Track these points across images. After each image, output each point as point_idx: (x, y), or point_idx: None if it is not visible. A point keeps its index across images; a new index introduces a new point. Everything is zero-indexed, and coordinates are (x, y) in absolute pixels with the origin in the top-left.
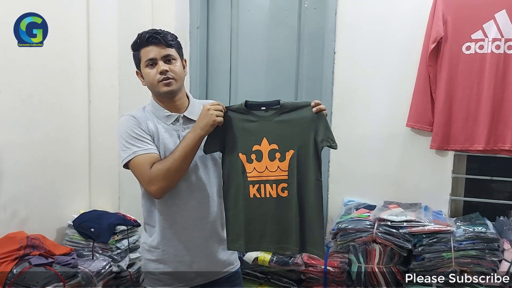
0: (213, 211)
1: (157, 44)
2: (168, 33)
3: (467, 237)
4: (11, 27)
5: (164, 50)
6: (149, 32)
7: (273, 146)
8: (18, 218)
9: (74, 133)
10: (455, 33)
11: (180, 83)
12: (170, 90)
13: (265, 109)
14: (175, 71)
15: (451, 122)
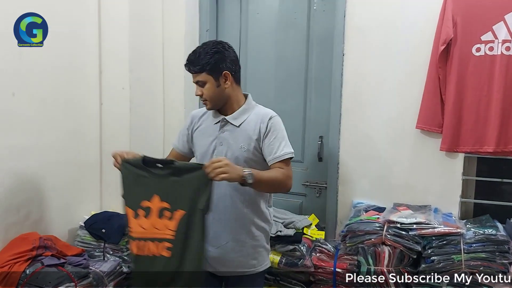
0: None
1: (189, 71)
2: (198, 57)
3: (477, 239)
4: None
5: (195, 76)
6: (187, 58)
7: (164, 204)
8: (31, 219)
9: (86, 136)
10: (464, 35)
11: (214, 101)
12: (208, 108)
13: (161, 167)
14: (206, 94)
15: (461, 124)
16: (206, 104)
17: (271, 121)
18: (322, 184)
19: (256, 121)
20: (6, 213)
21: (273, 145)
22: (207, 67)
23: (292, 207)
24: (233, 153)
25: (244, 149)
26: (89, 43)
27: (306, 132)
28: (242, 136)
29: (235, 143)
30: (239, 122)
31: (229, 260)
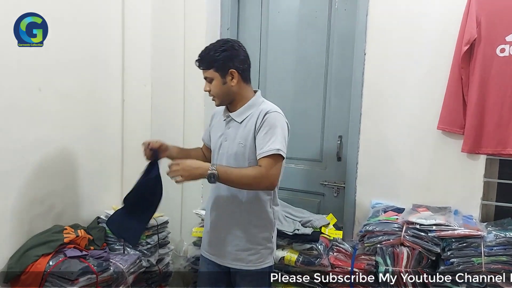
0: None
1: (198, 67)
2: (207, 54)
3: (498, 242)
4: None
5: (204, 72)
6: (198, 55)
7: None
8: (54, 212)
9: (108, 131)
10: (489, 35)
11: (221, 98)
12: (216, 105)
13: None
14: (213, 90)
15: (483, 126)
16: (214, 100)
17: (266, 116)
18: (340, 184)
19: (256, 117)
20: (31, 205)
21: (262, 140)
22: (214, 64)
23: (310, 206)
24: (233, 148)
25: (242, 145)
26: (113, 42)
27: (325, 131)
28: (242, 132)
29: (235, 139)
30: (241, 118)
31: (227, 252)
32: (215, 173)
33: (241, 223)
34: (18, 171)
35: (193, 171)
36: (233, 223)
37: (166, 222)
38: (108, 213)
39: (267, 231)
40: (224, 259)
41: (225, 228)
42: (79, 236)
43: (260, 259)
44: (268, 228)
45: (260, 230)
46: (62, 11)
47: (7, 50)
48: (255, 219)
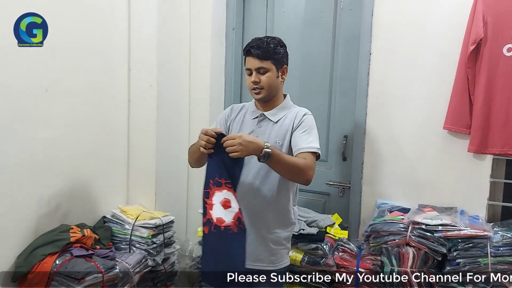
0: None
1: (253, 56)
2: (268, 45)
3: (505, 242)
4: (60, 28)
5: (258, 62)
6: (251, 43)
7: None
8: (61, 211)
9: (114, 131)
10: (495, 35)
11: (269, 91)
12: (258, 98)
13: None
14: (265, 82)
15: (490, 125)
16: (259, 92)
17: (304, 117)
18: (346, 184)
19: (292, 118)
20: (38, 204)
21: (301, 138)
22: (275, 56)
23: (315, 206)
24: None
25: (279, 143)
26: (119, 42)
27: (331, 131)
28: (278, 131)
29: (271, 138)
30: (277, 118)
31: (248, 252)
32: (269, 152)
33: (267, 223)
34: (25, 170)
35: (249, 145)
36: (259, 223)
37: (171, 222)
38: (114, 213)
39: (289, 231)
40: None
41: (250, 228)
42: (85, 236)
43: (280, 259)
44: (290, 228)
45: (283, 229)
46: (68, 12)
47: (7, 50)
48: (280, 218)
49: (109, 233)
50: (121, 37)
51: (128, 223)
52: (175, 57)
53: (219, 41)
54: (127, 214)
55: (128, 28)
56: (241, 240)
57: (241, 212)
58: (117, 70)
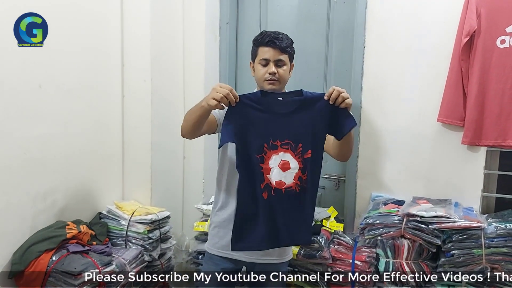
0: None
1: (274, 47)
2: (287, 39)
3: (498, 234)
4: (54, 24)
5: (278, 54)
6: (271, 35)
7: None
8: (57, 207)
9: (109, 127)
10: (489, 27)
11: (282, 84)
12: (273, 89)
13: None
14: (282, 75)
15: (484, 117)
16: (274, 84)
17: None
18: (341, 177)
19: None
20: (34, 201)
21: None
22: (291, 51)
23: None
24: None
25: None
26: (112, 38)
27: None
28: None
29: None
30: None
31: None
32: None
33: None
34: (20, 167)
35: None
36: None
37: (167, 217)
38: (110, 209)
39: None
40: (253, 254)
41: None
42: (82, 232)
43: (288, 251)
44: None
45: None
46: (61, 8)
47: (7, 50)
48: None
49: (105, 229)
50: (115, 33)
51: (124, 218)
52: (169, 52)
53: (213, 35)
54: (123, 210)
55: (122, 23)
56: (305, 199)
57: (302, 171)
58: (111, 66)
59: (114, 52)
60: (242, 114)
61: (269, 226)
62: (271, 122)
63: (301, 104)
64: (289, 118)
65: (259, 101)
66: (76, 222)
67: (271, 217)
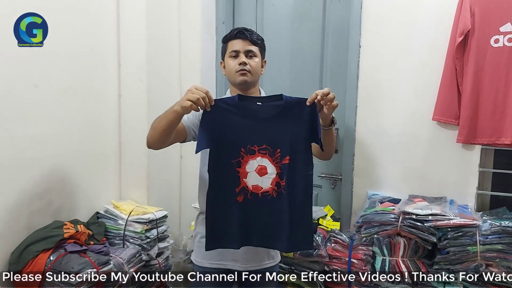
0: None
1: (243, 39)
2: (256, 33)
3: (493, 231)
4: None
5: (248, 45)
6: (240, 28)
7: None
8: (53, 207)
9: (105, 126)
10: (483, 26)
11: (254, 77)
12: (244, 80)
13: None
14: (253, 66)
15: (478, 116)
16: (245, 75)
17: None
18: (337, 176)
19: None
20: (30, 201)
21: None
22: (262, 44)
23: None
24: None
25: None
26: (108, 38)
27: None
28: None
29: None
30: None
31: (255, 253)
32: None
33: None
34: (16, 167)
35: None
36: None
37: (165, 216)
38: (107, 208)
39: None
40: (247, 262)
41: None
42: (79, 231)
43: (278, 253)
44: None
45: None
46: (57, 8)
47: (7, 50)
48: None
49: (102, 228)
50: (111, 32)
51: (121, 218)
52: (165, 52)
53: (209, 35)
54: (120, 209)
55: (118, 23)
56: (282, 204)
57: (279, 177)
58: (107, 66)
59: (111, 52)
60: (219, 118)
61: (243, 228)
62: (249, 127)
63: (280, 109)
64: (267, 123)
65: (236, 105)
66: (73, 222)
67: (246, 219)
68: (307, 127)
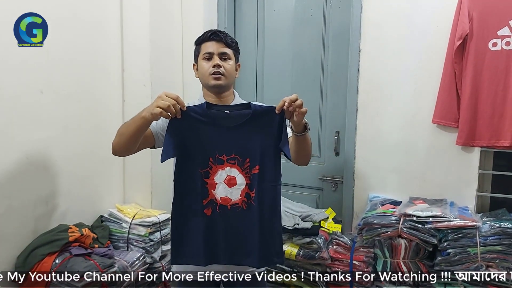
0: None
1: (217, 41)
2: (230, 35)
3: (493, 232)
4: (55, 29)
5: (222, 47)
6: (213, 30)
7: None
8: (58, 211)
9: (109, 131)
10: (481, 30)
11: (228, 80)
12: (218, 84)
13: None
14: (227, 69)
15: (477, 119)
16: (219, 78)
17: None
18: (338, 178)
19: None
20: (36, 205)
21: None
22: (234, 46)
23: (309, 201)
24: None
25: None
26: (112, 43)
27: (323, 127)
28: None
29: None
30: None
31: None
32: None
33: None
34: (22, 171)
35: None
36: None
37: (168, 219)
38: (111, 212)
39: None
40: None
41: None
42: (84, 235)
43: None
44: None
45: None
46: (62, 14)
47: (7, 50)
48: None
49: (107, 232)
50: (115, 38)
51: (125, 221)
52: (167, 57)
53: None
54: (124, 212)
55: (121, 29)
56: (252, 217)
57: (249, 187)
58: (111, 71)
59: (114, 58)
60: (186, 126)
61: (210, 243)
62: (217, 135)
63: (249, 118)
64: (236, 132)
65: (204, 113)
66: (78, 226)
67: (214, 235)
68: (276, 135)
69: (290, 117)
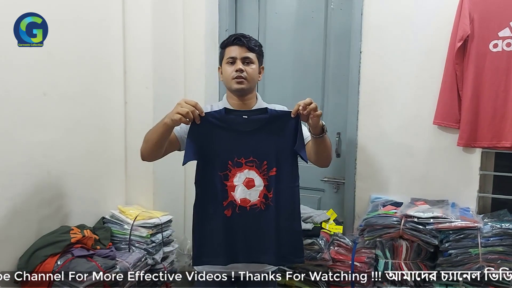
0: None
1: (240, 45)
2: (254, 39)
3: (494, 233)
4: (57, 31)
5: (245, 52)
6: (237, 34)
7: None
8: (62, 213)
9: (112, 133)
10: (482, 31)
11: (251, 84)
12: (240, 88)
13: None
14: (249, 73)
15: (478, 120)
16: (242, 82)
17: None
18: (340, 180)
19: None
20: (39, 207)
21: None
22: (259, 51)
23: (310, 202)
24: None
25: None
26: (114, 45)
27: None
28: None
29: None
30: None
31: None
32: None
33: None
34: (25, 173)
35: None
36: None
37: (169, 221)
38: (113, 213)
39: None
40: (250, 267)
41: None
42: (86, 236)
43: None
44: None
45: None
46: (63, 16)
47: (7, 50)
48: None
49: (108, 233)
50: (117, 40)
51: (127, 223)
52: (170, 59)
53: (212, 42)
54: (126, 214)
55: (123, 31)
56: (270, 216)
57: (267, 189)
58: (113, 73)
59: (116, 60)
60: (206, 131)
61: (231, 243)
62: (235, 139)
63: (266, 122)
64: (254, 136)
65: (223, 118)
66: (80, 227)
67: (234, 235)
68: (292, 139)
69: (306, 120)
